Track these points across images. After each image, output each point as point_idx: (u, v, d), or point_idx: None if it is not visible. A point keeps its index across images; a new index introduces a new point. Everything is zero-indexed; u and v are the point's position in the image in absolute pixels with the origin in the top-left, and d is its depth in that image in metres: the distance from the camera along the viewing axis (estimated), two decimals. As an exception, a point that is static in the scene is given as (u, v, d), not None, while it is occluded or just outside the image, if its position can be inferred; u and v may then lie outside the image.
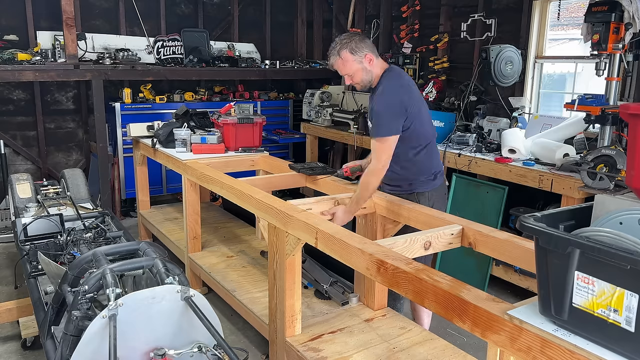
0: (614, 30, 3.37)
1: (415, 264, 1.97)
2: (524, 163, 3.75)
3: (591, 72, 3.74)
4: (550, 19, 4.51)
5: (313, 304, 3.21)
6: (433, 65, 5.29)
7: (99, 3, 6.05)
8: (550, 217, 1.56)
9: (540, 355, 1.51)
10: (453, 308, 1.76)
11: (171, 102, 5.94)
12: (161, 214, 5.03)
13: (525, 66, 4.56)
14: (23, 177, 4.09)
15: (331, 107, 5.91)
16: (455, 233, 2.41)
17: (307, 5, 7.22)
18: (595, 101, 3.46)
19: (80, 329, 1.88)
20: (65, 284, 2.17)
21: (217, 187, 3.39)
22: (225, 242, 4.29)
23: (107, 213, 3.59)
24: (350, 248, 2.19)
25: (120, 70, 5.37)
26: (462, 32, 5.00)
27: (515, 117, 4.35)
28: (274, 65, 6.57)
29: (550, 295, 1.49)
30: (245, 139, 4.24)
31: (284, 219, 2.63)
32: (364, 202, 2.83)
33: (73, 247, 2.94)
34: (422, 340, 2.78)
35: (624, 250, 1.29)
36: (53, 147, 6.07)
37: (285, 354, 2.81)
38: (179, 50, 6.23)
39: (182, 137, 4.12)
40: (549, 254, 1.46)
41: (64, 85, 5.99)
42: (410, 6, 5.55)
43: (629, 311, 1.31)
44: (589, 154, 3.28)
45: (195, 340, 1.98)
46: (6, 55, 4.87)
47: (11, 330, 3.47)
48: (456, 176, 4.31)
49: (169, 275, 2.02)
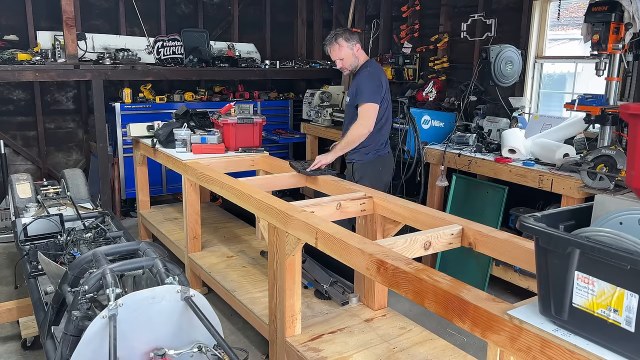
0: (614, 30, 3.37)
1: (415, 264, 1.97)
2: (524, 163, 3.75)
3: (591, 72, 3.74)
4: (550, 19, 4.51)
5: (313, 304, 3.21)
6: (433, 65, 5.29)
7: (99, 3, 6.05)
8: (550, 217, 1.56)
9: (540, 355, 1.51)
10: (453, 308, 1.76)
11: (171, 102, 5.93)
12: (161, 214, 5.03)
13: (525, 66, 4.56)
14: (23, 177, 4.09)
15: (331, 107, 5.91)
16: (455, 233, 2.41)
17: (307, 5, 7.22)
18: (595, 101, 3.46)
19: (80, 329, 1.88)
20: (65, 284, 2.17)
21: (217, 187, 3.39)
22: (225, 242, 4.29)
23: (107, 213, 3.59)
24: (350, 248, 2.19)
25: (120, 70, 5.37)
26: (462, 32, 5.00)
27: (515, 117, 4.35)
28: (274, 65, 6.56)
29: (550, 295, 1.49)
30: (245, 139, 4.24)
31: (284, 219, 2.63)
32: (348, 149, 3.64)
33: (73, 247, 2.94)
34: (422, 340, 2.78)
35: (624, 250, 1.29)
36: (53, 147, 6.08)
37: (285, 354, 2.81)
38: (179, 50, 6.23)
39: (182, 137, 4.12)
40: (549, 254, 1.46)
41: (64, 85, 5.99)
42: (410, 6, 5.55)
43: (629, 311, 1.31)
44: (589, 153, 3.28)
45: (195, 340, 1.98)
46: (6, 55, 4.86)
47: (11, 330, 3.47)
48: (456, 176, 4.31)
49: (169, 275, 2.02)
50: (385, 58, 5.91)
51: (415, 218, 2.69)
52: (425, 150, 4.39)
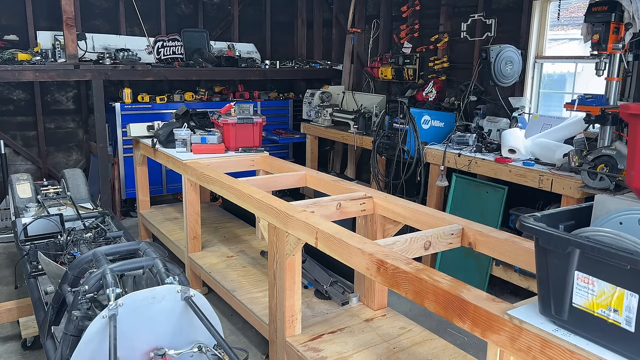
0: (614, 30, 3.37)
1: (415, 264, 1.98)
2: (524, 163, 3.75)
3: (591, 72, 3.74)
4: (550, 19, 4.51)
5: (313, 304, 3.21)
6: (433, 65, 5.29)
7: (99, 3, 6.05)
8: (550, 217, 1.56)
9: (540, 355, 1.51)
10: (453, 308, 1.76)
11: (171, 102, 5.93)
12: (161, 214, 5.03)
13: (525, 66, 4.56)
14: (23, 177, 4.09)
15: (331, 107, 5.91)
16: (455, 233, 2.41)
17: (307, 5, 7.22)
18: (595, 101, 3.46)
19: (80, 329, 1.88)
20: (65, 284, 2.17)
21: (217, 187, 3.39)
22: (225, 242, 4.29)
23: (107, 213, 3.59)
24: (350, 248, 2.19)
25: (120, 70, 5.37)
26: (462, 32, 5.00)
27: (515, 117, 4.35)
28: (274, 65, 6.57)
29: (550, 295, 1.49)
30: (245, 139, 4.24)
31: (284, 219, 2.63)
32: None
33: (73, 247, 2.94)
34: (422, 340, 2.78)
35: (624, 250, 1.29)
36: (53, 147, 6.08)
37: (285, 354, 2.81)
38: (179, 50, 6.23)
39: (182, 137, 4.12)
40: (549, 254, 1.46)
41: (64, 85, 5.99)
42: (410, 6, 5.55)
43: (629, 311, 1.31)
44: (590, 153, 3.28)
45: (195, 340, 1.99)
46: (6, 55, 4.87)
47: (11, 330, 3.47)
48: (456, 176, 4.31)
49: (169, 275, 2.02)
50: (385, 58, 5.91)
51: (416, 218, 2.69)
52: (425, 150, 4.39)
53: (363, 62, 6.38)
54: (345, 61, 6.57)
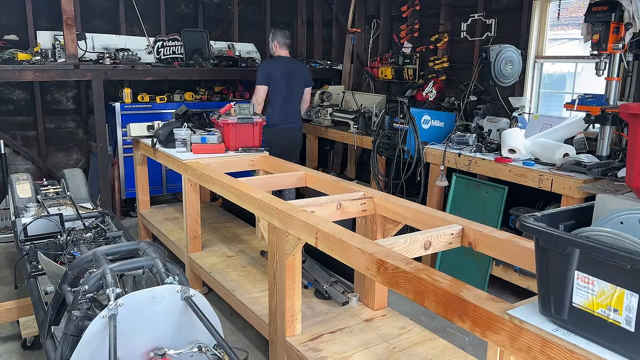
0: (614, 30, 3.37)
1: (415, 264, 1.97)
2: (524, 163, 3.75)
3: (591, 72, 3.73)
4: (550, 19, 4.51)
5: (313, 304, 3.21)
6: (433, 65, 5.29)
7: (99, 3, 6.04)
8: (550, 217, 1.56)
9: (540, 355, 1.51)
10: (453, 308, 1.76)
11: (171, 102, 5.92)
12: (161, 214, 5.03)
13: (525, 66, 4.56)
14: (23, 177, 4.09)
15: (331, 107, 5.91)
16: (455, 233, 2.41)
17: (307, 5, 7.22)
18: (595, 101, 3.46)
19: (80, 329, 1.88)
20: (65, 284, 2.17)
21: (217, 187, 3.39)
22: (225, 242, 4.29)
23: (107, 213, 3.59)
24: (350, 248, 2.19)
25: (120, 70, 5.37)
26: (462, 32, 5.00)
27: (515, 117, 4.34)
28: (274, 65, 6.55)
29: (550, 295, 1.49)
30: (245, 139, 4.24)
31: (284, 219, 2.63)
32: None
33: (73, 247, 2.94)
34: (422, 340, 2.78)
35: (624, 250, 1.29)
36: (53, 147, 6.07)
37: (285, 354, 2.81)
38: (179, 50, 6.23)
39: (182, 137, 4.12)
40: (549, 254, 1.46)
41: (64, 85, 5.99)
42: (410, 6, 5.55)
43: (629, 311, 1.31)
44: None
45: (195, 340, 1.99)
46: (6, 55, 4.86)
47: (11, 330, 3.46)
48: (456, 176, 4.30)
49: (169, 275, 2.02)
50: (385, 58, 5.91)
51: (416, 218, 2.69)
52: (425, 150, 4.39)
53: (363, 62, 6.38)
54: (345, 61, 6.57)
